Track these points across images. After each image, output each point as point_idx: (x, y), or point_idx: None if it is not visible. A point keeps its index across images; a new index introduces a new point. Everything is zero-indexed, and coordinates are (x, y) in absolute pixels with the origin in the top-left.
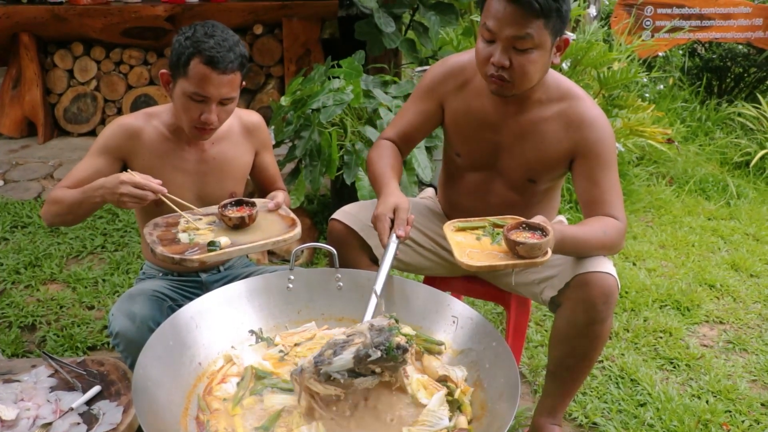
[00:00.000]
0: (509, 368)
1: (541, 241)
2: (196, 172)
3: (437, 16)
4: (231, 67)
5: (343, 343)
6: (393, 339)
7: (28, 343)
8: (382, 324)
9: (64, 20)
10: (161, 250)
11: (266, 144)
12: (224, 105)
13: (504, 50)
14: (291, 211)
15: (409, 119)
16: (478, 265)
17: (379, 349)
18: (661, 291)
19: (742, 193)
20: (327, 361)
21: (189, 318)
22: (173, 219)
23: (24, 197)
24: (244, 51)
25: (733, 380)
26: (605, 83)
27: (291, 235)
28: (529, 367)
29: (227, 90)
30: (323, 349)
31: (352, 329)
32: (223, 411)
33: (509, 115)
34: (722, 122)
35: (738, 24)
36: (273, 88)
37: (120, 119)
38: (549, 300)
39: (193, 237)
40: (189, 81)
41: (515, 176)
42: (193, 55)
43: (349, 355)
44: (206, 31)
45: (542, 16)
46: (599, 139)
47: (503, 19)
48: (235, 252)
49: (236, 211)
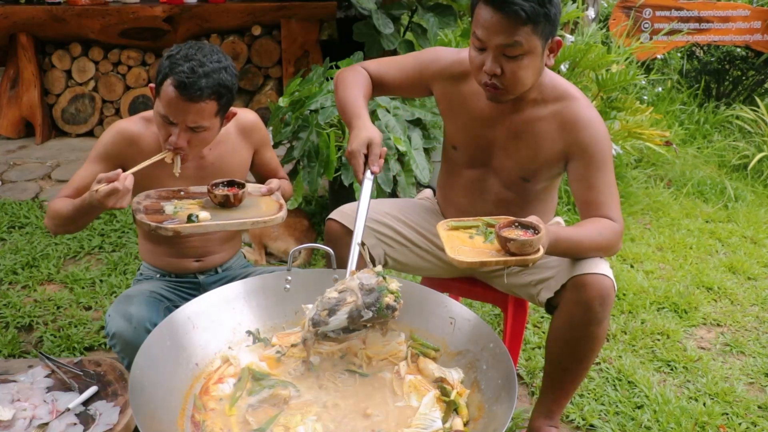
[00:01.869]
0: (506, 369)
1: (532, 238)
2: (195, 177)
3: (435, 17)
4: (200, 95)
5: (336, 303)
6: (383, 299)
7: (25, 344)
8: (371, 283)
9: (62, 21)
10: (141, 216)
11: (264, 141)
12: (196, 132)
13: (495, 58)
14: (282, 199)
15: (392, 73)
16: (469, 260)
17: (371, 309)
18: (659, 293)
19: (740, 196)
20: (323, 322)
21: (186, 318)
22: (166, 193)
23: (21, 198)
24: (226, 79)
25: (730, 383)
26: (603, 85)
27: (271, 218)
28: (527, 369)
29: (194, 118)
30: (318, 309)
31: (343, 285)
32: (219, 411)
33: (504, 114)
34: (720, 125)
35: (736, 27)
36: (271, 89)
37: (118, 125)
38: (545, 301)
39: (178, 210)
40: (161, 101)
41: (509, 175)
42: (166, 77)
43: (343, 315)
44: (188, 53)
45: (530, 22)
46: (594, 140)
47: (491, 27)
48: (211, 227)
49: (225, 190)
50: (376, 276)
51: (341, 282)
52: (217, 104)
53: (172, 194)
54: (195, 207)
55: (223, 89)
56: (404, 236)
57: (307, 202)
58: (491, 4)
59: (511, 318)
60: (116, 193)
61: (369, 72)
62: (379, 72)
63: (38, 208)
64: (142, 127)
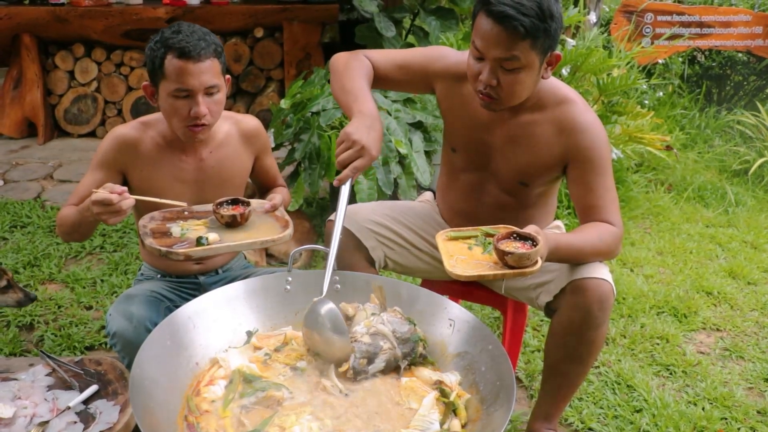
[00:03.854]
0: (505, 371)
1: (530, 251)
2: (195, 181)
3: (437, 21)
4: (205, 54)
5: (374, 351)
6: (417, 349)
7: (26, 343)
8: (404, 331)
9: (65, 21)
10: (150, 241)
11: (266, 148)
12: (211, 95)
13: (492, 70)
14: (286, 213)
15: (395, 69)
16: (467, 274)
17: (407, 359)
18: (659, 297)
19: (741, 201)
20: (364, 371)
21: (187, 318)
22: (170, 214)
23: (23, 197)
24: (217, 40)
25: (729, 387)
26: (604, 89)
27: (280, 236)
28: (526, 372)
29: (208, 77)
30: (358, 357)
31: (374, 328)
32: (213, 413)
33: (502, 119)
34: (721, 130)
35: (738, 32)
36: (273, 91)
37: (116, 131)
38: (545, 305)
39: (185, 232)
40: (168, 80)
41: (507, 179)
42: (165, 54)
43: (381, 363)
44: (173, 29)
45: (528, 37)
46: (593, 144)
47: (490, 39)
48: (222, 249)
49: (231, 209)
50: (407, 323)
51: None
52: (219, 63)
53: (176, 215)
54: (201, 227)
55: (219, 48)
56: (404, 239)
57: (307, 204)
58: (491, 16)
59: (511, 321)
60: (108, 205)
61: (371, 61)
62: (381, 62)
63: (40, 207)
64: (139, 132)
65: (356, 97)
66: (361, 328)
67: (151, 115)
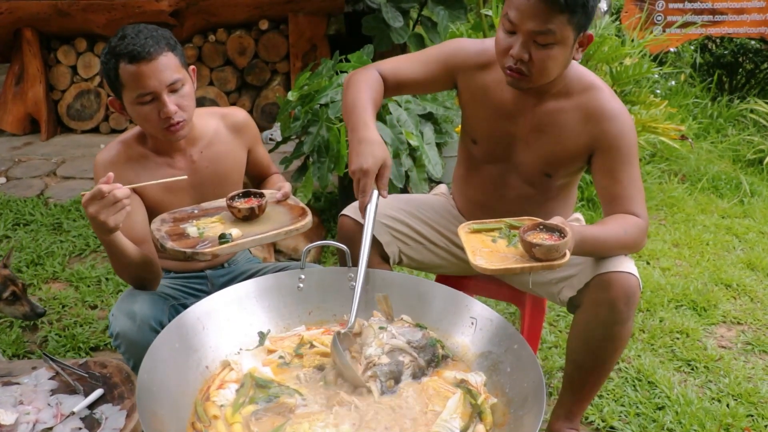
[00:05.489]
0: (533, 372)
1: (558, 242)
2: (191, 183)
3: (446, 10)
4: (156, 51)
5: (396, 368)
6: (438, 353)
7: (30, 344)
8: (419, 338)
9: (67, 15)
10: (171, 245)
11: (256, 138)
12: (176, 91)
13: (524, 44)
14: (299, 200)
15: (414, 69)
16: (494, 268)
17: (431, 366)
18: (677, 291)
19: (756, 191)
20: (392, 391)
21: (196, 319)
22: (180, 214)
23: (26, 194)
24: (167, 33)
25: (753, 383)
26: (617, 78)
27: (303, 224)
28: (544, 369)
29: (167, 74)
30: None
31: (388, 345)
32: (221, 419)
33: (527, 107)
34: (734, 119)
35: (751, 19)
36: (278, 84)
37: (99, 159)
38: (567, 300)
39: (203, 230)
40: (128, 88)
41: (531, 170)
42: (117, 63)
43: (407, 378)
44: (118, 36)
45: (567, 11)
46: (620, 132)
47: (526, 11)
48: (248, 243)
49: (245, 202)
50: (419, 330)
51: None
52: (174, 55)
53: (186, 215)
54: (217, 224)
55: (171, 41)
56: (420, 233)
57: (316, 199)
58: None
59: (529, 317)
60: (101, 199)
61: (383, 73)
62: (395, 71)
63: (43, 205)
64: (122, 151)
65: (360, 121)
66: (375, 349)
67: (126, 133)
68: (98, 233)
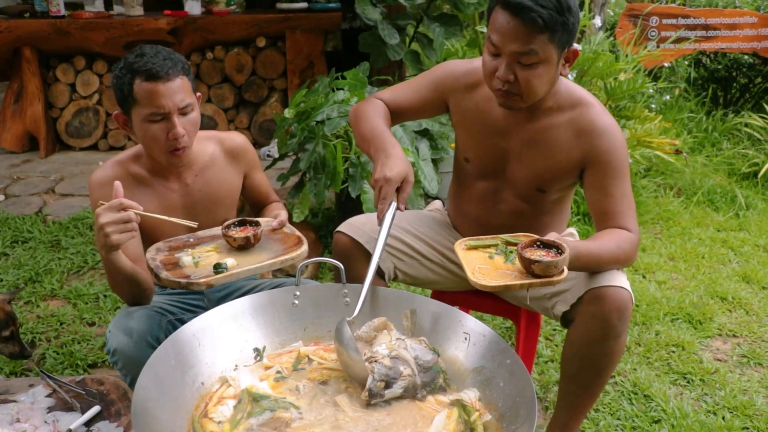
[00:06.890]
0: (525, 387)
1: (557, 258)
2: (184, 206)
3: (441, 27)
4: (174, 72)
5: (393, 375)
6: (438, 380)
7: (28, 361)
8: (427, 360)
9: (66, 34)
10: (166, 275)
11: (254, 164)
12: (186, 115)
13: (508, 65)
14: (296, 229)
15: (408, 97)
16: (494, 285)
17: (426, 389)
18: (672, 304)
19: (751, 204)
20: (380, 394)
21: (191, 336)
22: (176, 243)
23: (25, 212)
24: (182, 58)
25: (749, 395)
26: (612, 94)
27: (298, 254)
28: (540, 383)
29: (181, 96)
30: (376, 379)
31: (396, 351)
32: None
33: (519, 123)
34: (729, 133)
35: (744, 34)
36: (276, 100)
37: (94, 178)
38: (561, 315)
39: (198, 259)
40: (141, 105)
41: (524, 185)
42: (133, 79)
43: (399, 389)
44: (136, 53)
45: (547, 30)
46: (611, 147)
47: (507, 33)
48: (243, 273)
49: (240, 231)
50: (432, 353)
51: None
52: (188, 80)
53: (182, 244)
54: (213, 253)
55: (186, 65)
56: (414, 249)
57: (313, 215)
58: (508, 10)
59: (524, 331)
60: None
61: (385, 101)
62: (394, 99)
63: (42, 222)
64: (117, 171)
65: (385, 141)
66: (383, 349)
67: (123, 153)
68: (99, 247)
